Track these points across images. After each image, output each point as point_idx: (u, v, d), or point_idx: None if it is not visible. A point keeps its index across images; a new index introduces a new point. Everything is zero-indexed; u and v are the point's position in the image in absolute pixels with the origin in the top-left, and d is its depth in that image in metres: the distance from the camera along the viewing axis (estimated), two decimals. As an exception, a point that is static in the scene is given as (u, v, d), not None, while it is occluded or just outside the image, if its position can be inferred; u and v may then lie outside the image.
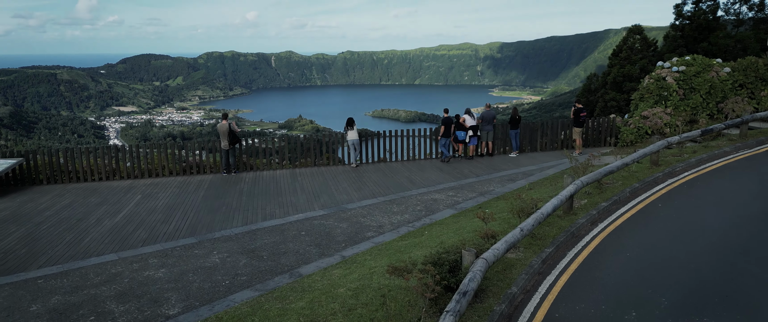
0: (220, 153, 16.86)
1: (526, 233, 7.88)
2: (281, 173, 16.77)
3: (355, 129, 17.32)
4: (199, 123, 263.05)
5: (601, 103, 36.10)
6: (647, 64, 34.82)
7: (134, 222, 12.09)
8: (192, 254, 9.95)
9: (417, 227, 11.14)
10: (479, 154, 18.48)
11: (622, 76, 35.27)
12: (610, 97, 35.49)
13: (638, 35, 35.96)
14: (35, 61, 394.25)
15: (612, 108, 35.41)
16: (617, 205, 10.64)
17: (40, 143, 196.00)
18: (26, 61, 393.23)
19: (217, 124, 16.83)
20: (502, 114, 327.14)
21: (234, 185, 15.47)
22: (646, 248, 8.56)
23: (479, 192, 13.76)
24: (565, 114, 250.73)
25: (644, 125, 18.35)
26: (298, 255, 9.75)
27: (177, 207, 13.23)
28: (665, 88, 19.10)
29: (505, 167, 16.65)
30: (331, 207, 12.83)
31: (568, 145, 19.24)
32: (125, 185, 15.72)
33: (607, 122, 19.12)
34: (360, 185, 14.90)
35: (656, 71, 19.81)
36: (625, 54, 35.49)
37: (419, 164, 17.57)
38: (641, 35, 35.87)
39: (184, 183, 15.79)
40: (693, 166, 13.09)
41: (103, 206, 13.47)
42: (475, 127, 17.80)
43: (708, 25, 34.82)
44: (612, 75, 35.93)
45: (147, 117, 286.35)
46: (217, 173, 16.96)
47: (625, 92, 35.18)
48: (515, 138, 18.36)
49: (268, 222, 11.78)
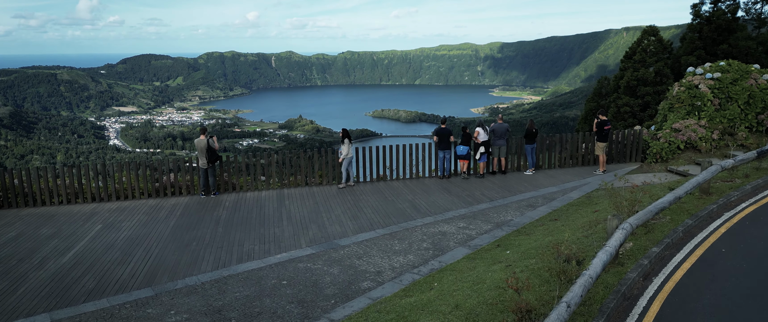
0: (198, 172, 14.86)
1: (574, 308, 5.89)
2: (267, 195, 14.77)
3: (351, 144, 15.33)
4: (199, 123, 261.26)
5: (613, 109, 34.07)
6: (663, 67, 32.84)
7: (84, 263, 10.10)
8: (143, 316, 7.94)
9: (423, 274, 9.14)
10: (491, 171, 16.48)
11: (636, 80, 33.25)
12: (623, 102, 33.48)
13: (653, 37, 33.91)
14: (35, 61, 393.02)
15: (625, 114, 33.43)
16: (671, 250, 8.63)
17: (40, 144, 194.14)
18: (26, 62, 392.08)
19: (194, 139, 14.83)
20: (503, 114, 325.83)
21: (211, 210, 13.47)
22: (721, 317, 6.57)
23: (495, 223, 11.75)
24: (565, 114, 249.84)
25: (676, 139, 16.35)
26: (274, 319, 7.74)
27: (140, 241, 11.23)
28: (698, 97, 17.10)
29: (522, 188, 14.64)
30: (321, 243, 10.82)
31: (589, 160, 17.24)
32: (87, 211, 13.72)
33: (633, 135, 17.12)
34: (356, 212, 12.90)
35: (687, 78, 17.80)
36: (640, 56, 33.45)
37: (423, 184, 15.57)
38: (656, 37, 33.82)
39: (155, 208, 13.78)
40: (749, 194, 11.08)
41: (53, 240, 11.47)
42: (487, 143, 15.81)
43: (728, 27, 32.84)
44: (625, 79, 33.90)
45: (147, 117, 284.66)
46: (195, 195, 14.96)
47: (640, 97, 33.21)
48: (531, 154, 16.36)
49: (245, 265, 9.77)
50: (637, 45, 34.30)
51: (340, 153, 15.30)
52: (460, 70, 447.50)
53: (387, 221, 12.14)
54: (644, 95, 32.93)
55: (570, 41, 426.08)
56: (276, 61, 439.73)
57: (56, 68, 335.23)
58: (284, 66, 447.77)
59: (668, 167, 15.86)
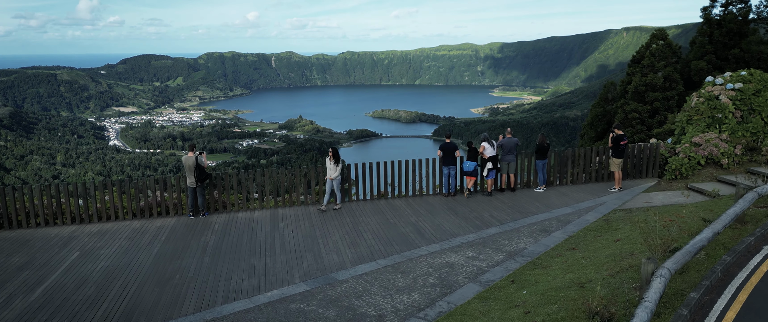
0: (186, 191, 13.85)
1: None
2: (260, 216, 13.77)
3: (339, 164, 14.13)
4: (199, 123, 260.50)
5: (620, 114, 33.08)
6: (672, 72, 31.84)
7: (54, 303, 9.10)
8: (110, 375, 6.96)
9: (431, 319, 8.14)
10: (499, 188, 15.49)
11: (644, 86, 32.24)
12: (631, 108, 32.48)
13: (662, 41, 32.89)
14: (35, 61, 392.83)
15: (633, 120, 32.44)
16: (711, 295, 7.63)
17: (39, 144, 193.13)
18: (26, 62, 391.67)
19: (182, 157, 13.82)
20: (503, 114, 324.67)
21: (199, 234, 12.48)
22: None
23: (507, 253, 10.75)
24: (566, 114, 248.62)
25: (696, 154, 15.36)
26: (261, 381, 6.76)
27: (118, 274, 10.23)
28: (719, 109, 16.10)
29: (533, 209, 13.65)
30: (316, 277, 9.83)
31: (603, 175, 16.25)
32: (66, 234, 12.72)
33: (650, 149, 16.13)
34: (355, 238, 11.90)
35: (706, 88, 16.81)
36: (648, 61, 32.43)
37: (427, 203, 14.57)
38: (665, 41, 32.80)
39: (139, 231, 12.79)
40: (787, 223, 10.08)
41: (24, 272, 10.47)
42: (495, 158, 14.82)
43: (739, 31, 31.85)
44: (633, 84, 32.89)
45: (147, 117, 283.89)
46: (183, 216, 13.96)
47: (648, 103, 32.20)
48: (542, 170, 15.36)
49: (231, 306, 8.77)
50: (646, 49, 33.30)
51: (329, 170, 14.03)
52: (460, 70, 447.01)
53: (389, 249, 11.15)
54: (653, 101, 31.93)
55: (570, 41, 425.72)
56: (276, 61, 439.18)
57: (56, 68, 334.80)
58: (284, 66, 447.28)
59: (688, 184, 14.87)
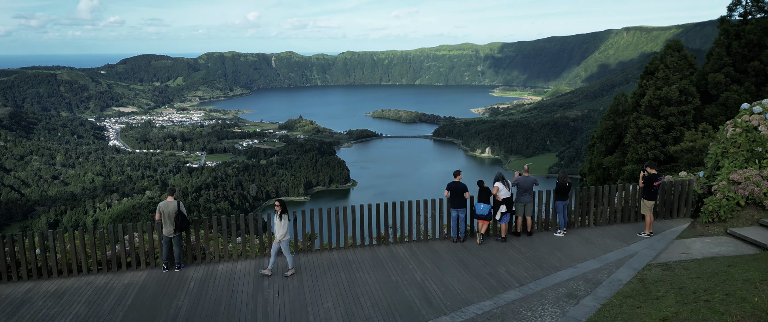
0: (160, 240, 12.15)
1: None
2: (242, 269, 12.08)
3: (287, 217, 11.59)
4: (199, 123, 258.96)
5: (633, 129, 31.43)
6: (688, 85, 30.16)
7: None
8: None
9: None
10: (514, 231, 13.80)
11: (658, 99, 30.55)
12: (644, 122, 30.82)
13: (677, 52, 31.21)
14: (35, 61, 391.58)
15: (647, 135, 30.75)
16: None
17: (39, 144, 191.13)
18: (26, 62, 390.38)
19: (160, 203, 12.08)
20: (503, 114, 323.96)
21: (171, 295, 10.79)
22: None
23: (531, 331, 9.07)
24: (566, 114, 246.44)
25: (735, 194, 13.67)
26: None
27: (67, 360, 8.55)
28: (758, 141, 14.42)
29: (555, 262, 11.95)
30: (304, 369, 8.14)
31: (630, 215, 14.57)
32: (18, 295, 11.02)
33: (682, 186, 14.44)
34: (350, 306, 10.21)
35: (742, 117, 15.12)
36: (662, 73, 30.74)
37: (433, 251, 12.87)
38: (680, 52, 31.11)
39: (102, 291, 11.10)
40: None
41: (-44, 355, 8.82)
42: (509, 201, 13.13)
43: (759, 42, 30.15)
44: (646, 97, 31.21)
45: (147, 118, 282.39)
46: (156, 268, 12.26)
47: (663, 117, 30.50)
48: (563, 212, 13.66)
49: None
50: (660, 61, 31.60)
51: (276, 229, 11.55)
52: (461, 70, 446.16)
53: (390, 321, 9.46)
54: (668, 116, 30.25)
55: (570, 41, 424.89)
56: (276, 61, 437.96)
57: (56, 69, 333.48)
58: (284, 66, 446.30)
59: (728, 228, 13.19)
